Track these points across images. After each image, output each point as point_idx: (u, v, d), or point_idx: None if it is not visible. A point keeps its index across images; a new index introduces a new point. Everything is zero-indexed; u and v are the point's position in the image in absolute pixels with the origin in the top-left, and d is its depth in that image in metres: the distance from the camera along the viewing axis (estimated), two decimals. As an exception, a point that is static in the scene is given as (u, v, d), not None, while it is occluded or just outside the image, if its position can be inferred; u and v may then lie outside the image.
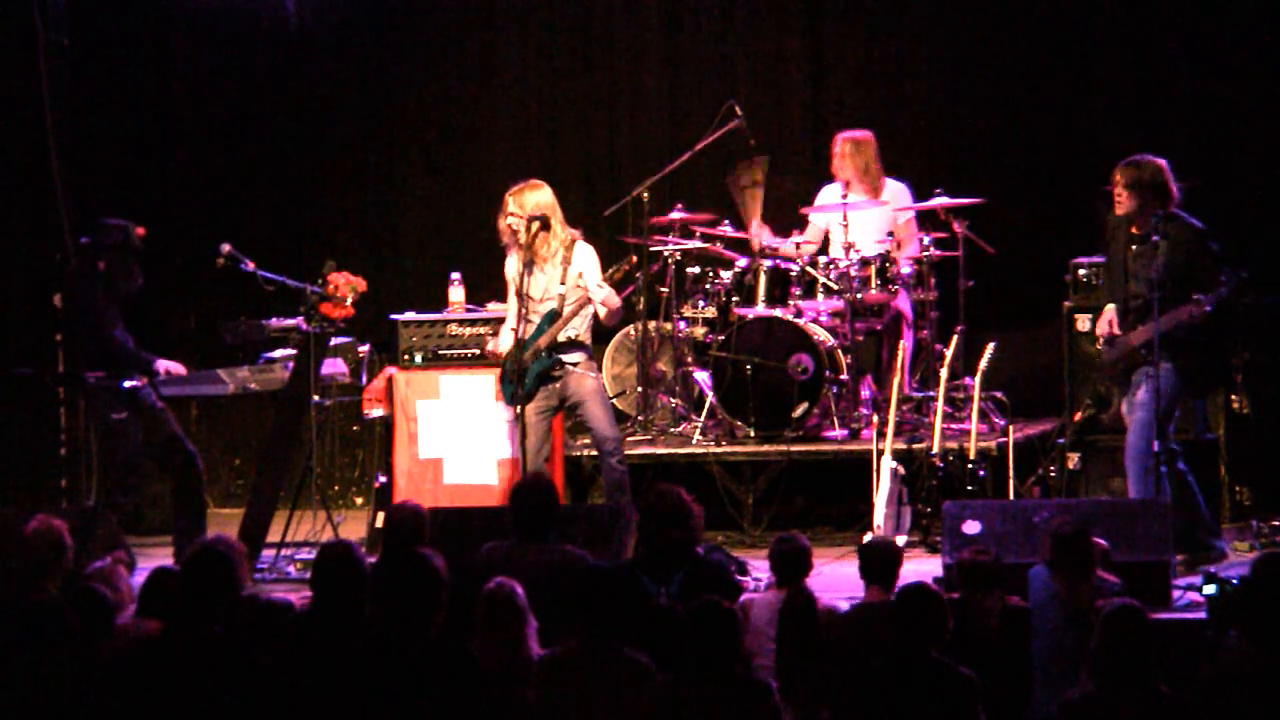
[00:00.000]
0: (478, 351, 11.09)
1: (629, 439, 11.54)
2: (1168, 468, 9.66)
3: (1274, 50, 12.28)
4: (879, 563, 8.00)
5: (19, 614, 6.77)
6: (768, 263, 11.67)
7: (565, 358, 10.35)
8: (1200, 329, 9.64)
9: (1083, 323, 11.16)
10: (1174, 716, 6.61)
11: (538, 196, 10.32)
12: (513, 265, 10.44)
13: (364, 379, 11.20)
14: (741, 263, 11.79)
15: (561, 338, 10.34)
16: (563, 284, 10.33)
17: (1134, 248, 9.75)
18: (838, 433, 11.48)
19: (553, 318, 10.32)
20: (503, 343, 10.49)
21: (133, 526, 11.43)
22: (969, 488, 10.48)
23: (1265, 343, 11.32)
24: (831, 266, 11.59)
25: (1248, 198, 12.18)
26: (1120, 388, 9.99)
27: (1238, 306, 10.34)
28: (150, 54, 13.59)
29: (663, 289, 12.07)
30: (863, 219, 11.74)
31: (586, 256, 10.37)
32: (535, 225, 10.25)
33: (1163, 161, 9.78)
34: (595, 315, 10.41)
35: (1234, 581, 7.84)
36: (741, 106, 12.12)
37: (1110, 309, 9.98)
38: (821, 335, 11.47)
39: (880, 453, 10.59)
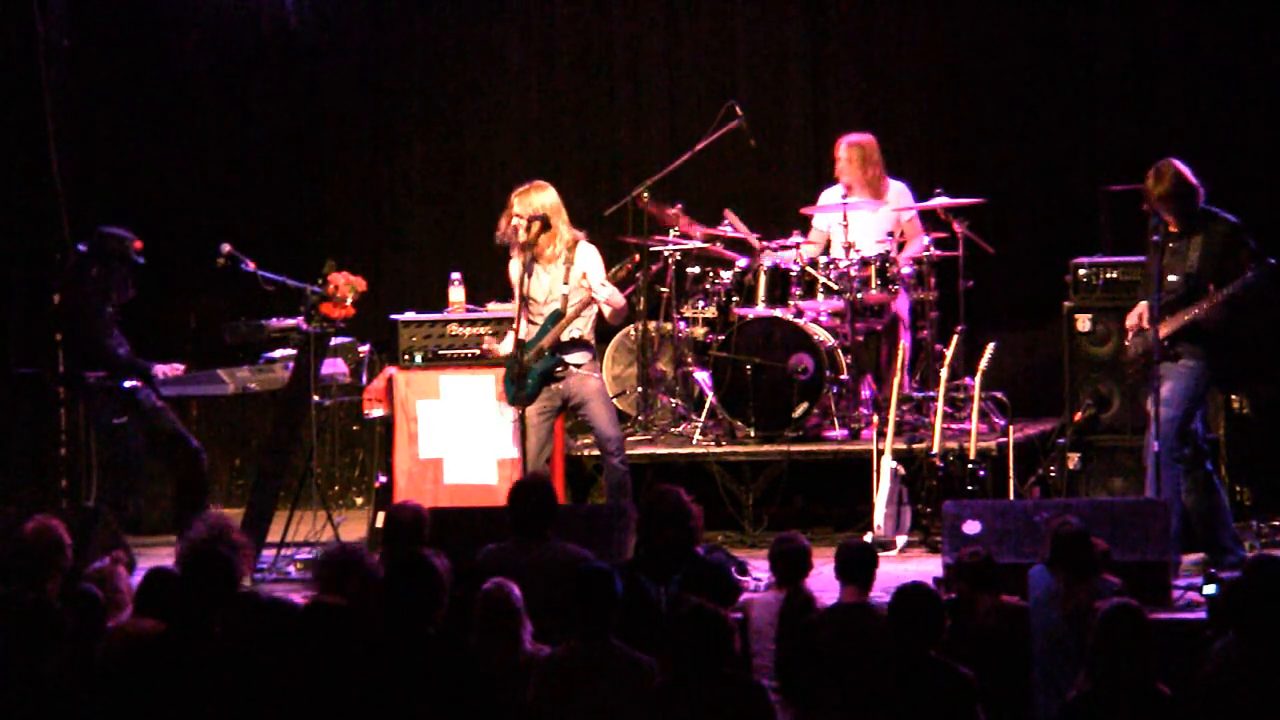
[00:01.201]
0: (478, 351, 11.08)
1: (629, 439, 11.53)
2: (1185, 466, 9.66)
3: (1274, 49, 12.28)
4: (856, 563, 7.99)
5: (14, 614, 6.77)
6: (768, 262, 11.66)
7: (569, 358, 10.34)
8: (1229, 320, 9.63)
9: (1083, 323, 11.15)
10: (1172, 716, 6.61)
11: (542, 197, 10.33)
12: (516, 267, 10.44)
13: (364, 379, 11.20)
14: (741, 263, 11.78)
15: (565, 337, 10.34)
16: (566, 284, 10.33)
17: (1170, 245, 9.74)
18: (838, 433, 11.48)
19: (556, 318, 10.32)
20: (504, 343, 10.48)
21: (133, 526, 11.43)
22: (969, 488, 10.49)
23: (1265, 343, 11.31)
24: (831, 266, 11.59)
25: (1247, 198, 12.15)
26: (1143, 384, 9.94)
27: (1268, 295, 10.24)
28: (150, 54, 13.59)
29: (663, 289, 12.07)
30: (863, 219, 11.74)
31: (590, 257, 10.37)
32: (536, 225, 10.25)
33: (1178, 163, 9.75)
34: (599, 315, 10.41)
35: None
36: (741, 106, 12.12)
37: (1143, 304, 9.96)
38: (822, 335, 11.47)
39: (880, 453, 10.60)
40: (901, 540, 10.57)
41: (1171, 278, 9.70)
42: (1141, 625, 6.65)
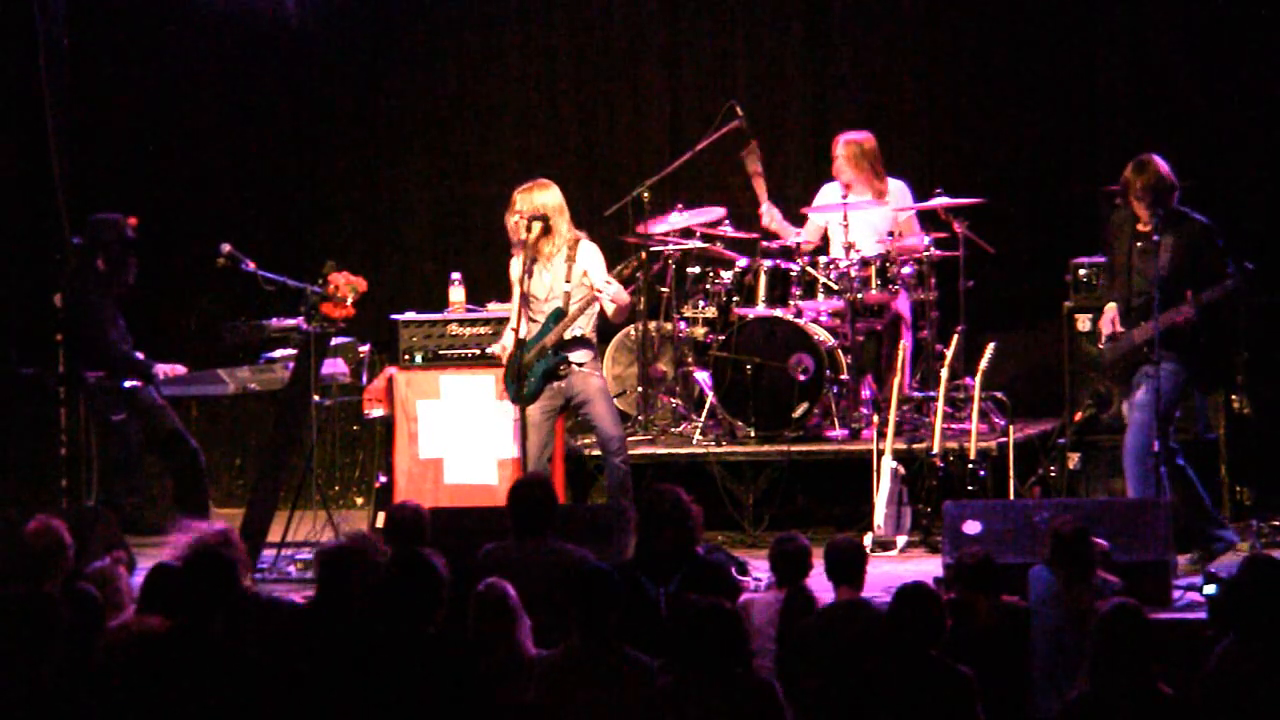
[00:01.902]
0: (478, 351, 11.09)
1: (629, 439, 11.53)
2: (1167, 466, 9.65)
3: (1274, 49, 12.28)
4: (845, 562, 7.99)
5: (15, 614, 6.77)
6: (768, 263, 11.67)
7: (571, 356, 10.35)
8: (1207, 323, 9.63)
9: (1083, 323, 11.16)
10: (1174, 716, 6.61)
11: (544, 196, 10.34)
12: (517, 266, 10.45)
13: (364, 379, 11.20)
14: (742, 263, 11.79)
15: (567, 336, 10.35)
16: (568, 282, 10.34)
17: (1139, 245, 9.73)
18: (838, 433, 11.48)
19: (558, 316, 10.33)
20: (506, 343, 10.48)
21: (133, 526, 11.42)
22: (969, 488, 10.49)
23: (1265, 343, 11.32)
24: (831, 266, 11.59)
25: (1246, 198, 12.18)
26: (1121, 386, 9.98)
27: (1244, 300, 10.27)
28: (150, 54, 13.58)
29: (663, 289, 12.07)
30: (863, 219, 11.73)
31: (591, 255, 10.38)
32: (537, 225, 10.26)
33: (1158, 158, 9.76)
34: (601, 313, 10.42)
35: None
36: (741, 106, 12.12)
37: (1111, 307, 9.97)
38: (822, 335, 11.47)
39: (880, 453, 10.60)
40: (901, 540, 10.57)
41: (1139, 280, 9.68)
42: (1142, 625, 6.65)
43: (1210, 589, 8.64)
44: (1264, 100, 12.32)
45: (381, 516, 10.67)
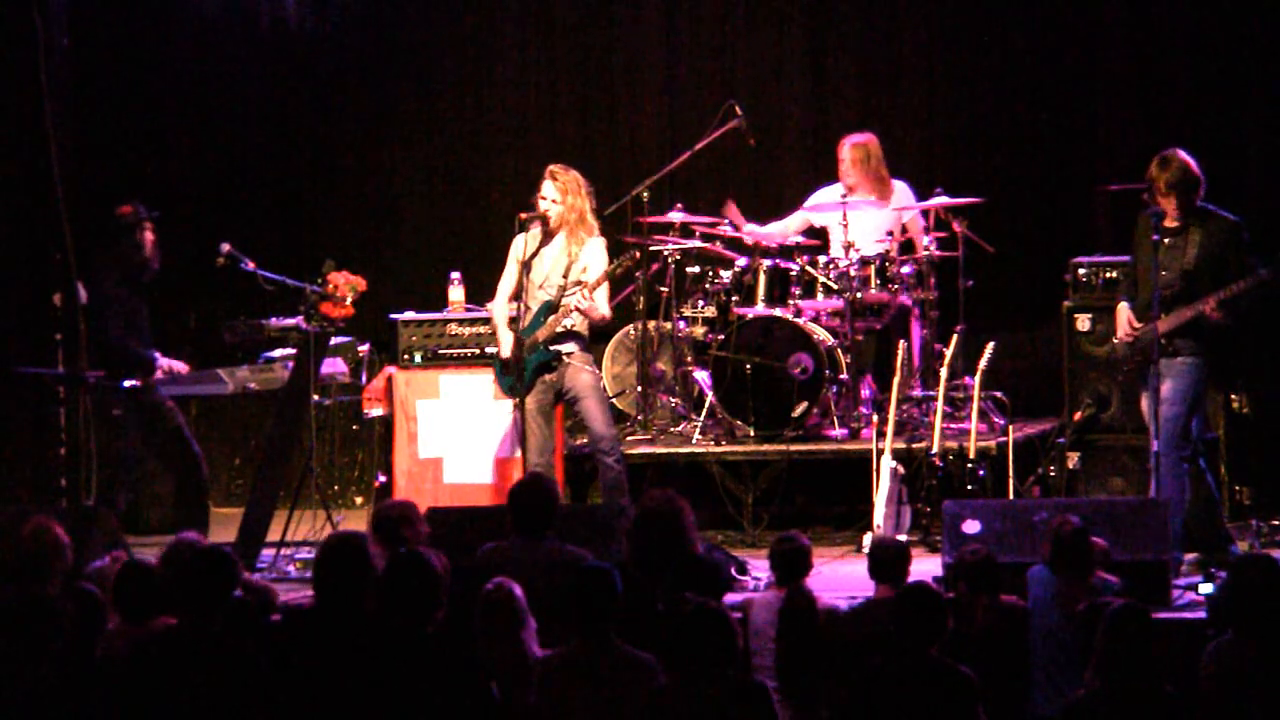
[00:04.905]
0: (478, 351, 11.09)
1: (629, 438, 11.55)
2: (1189, 464, 9.63)
3: (1275, 49, 12.28)
4: (888, 561, 8.02)
5: (15, 614, 6.77)
6: (767, 262, 11.66)
7: (559, 347, 10.35)
8: (1228, 316, 9.59)
9: (1083, 323, 11.15)
10: (1178, 715, 6.61)
11: (576, 183, 10.35)
12: (519, 245, 10.42)
13: (364, 379, 11.21)
14: (741, 262, 11.79)
15: (557, 329, 10.36)
16: (565, 277, 10.34)
17: (1166, 241, 9.69)
18: (838, 432, 11.48)
19: (549, 309, 10.33)
20: (503, 339, 10.47)
21: (133, 526, 11.42)
22: (969, 487, 10.49)
23: (1265, 342, 11.31)
24: (831, 266, 11.59)
25: (1247, 197, 12.17)
26: (1133, 383, 9.91)
27: (1272, 294, 10.17)
28: (150, 54, 13.59)
29: (663, 288, 12.07)
30: (863, 219, 11.73)
31: (595, 254, 10.36)
32: (556, 210, 10.27)
33: (1184, 153, 9.73)
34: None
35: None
36: (741, 106, 12.12)
37: (1124, 307, 9.91)
38: (821, 335, 11.47)
39: (880, 452, 10.59)
40: (901, 540, 10.56)
41: (1165, 274, 9.66)
42: (1147, 626, 6.66)
43: (1207, 588, 8.65)
44: (1264, 99, 12.32)
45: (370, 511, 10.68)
